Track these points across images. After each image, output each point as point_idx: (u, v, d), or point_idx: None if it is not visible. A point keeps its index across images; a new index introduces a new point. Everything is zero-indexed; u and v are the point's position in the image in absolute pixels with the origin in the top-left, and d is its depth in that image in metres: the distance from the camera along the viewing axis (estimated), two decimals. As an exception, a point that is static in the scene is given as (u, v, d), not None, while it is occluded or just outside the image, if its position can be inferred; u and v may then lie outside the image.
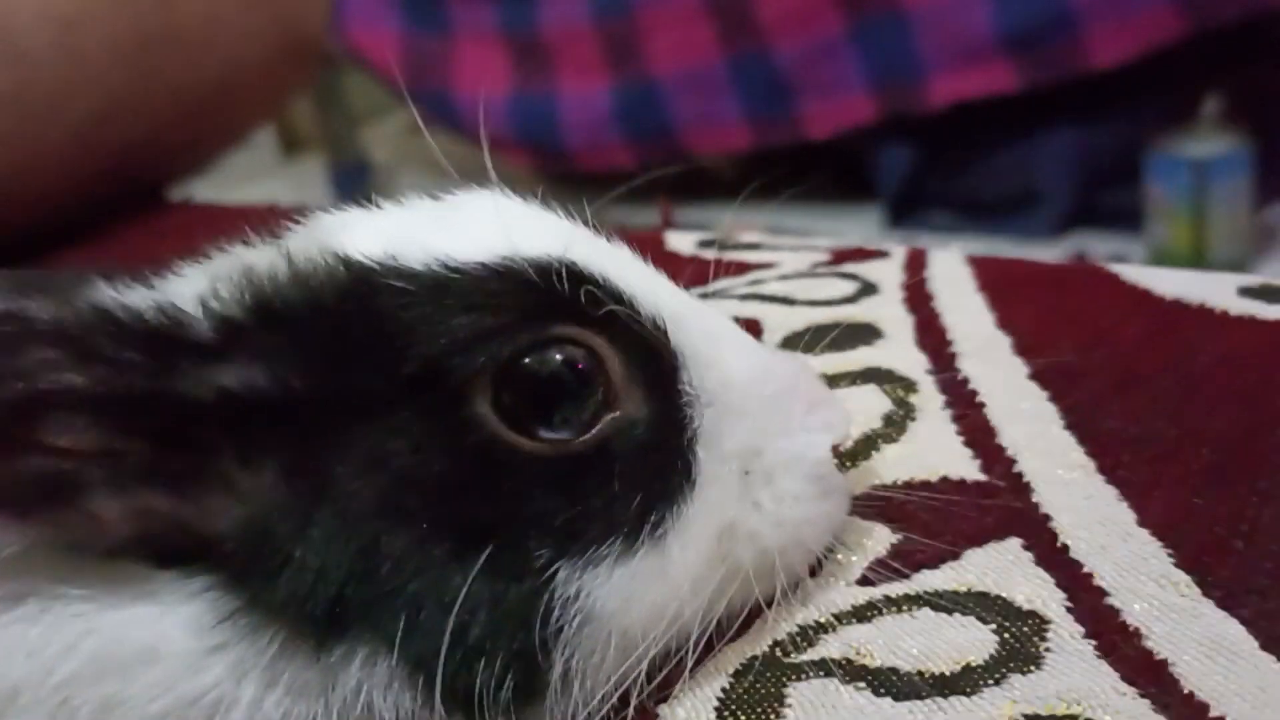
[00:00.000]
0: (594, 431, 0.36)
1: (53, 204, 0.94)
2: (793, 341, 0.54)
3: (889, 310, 0.55)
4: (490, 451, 0.35)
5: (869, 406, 0.49)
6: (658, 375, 0.38)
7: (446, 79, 2.67)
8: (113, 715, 0.32)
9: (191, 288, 0.36)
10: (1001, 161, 2.38)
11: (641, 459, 0.37)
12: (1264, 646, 0.35)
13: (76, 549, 0.32)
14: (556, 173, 2.49)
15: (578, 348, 0.36)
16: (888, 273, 0.60)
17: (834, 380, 0.50)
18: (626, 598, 0.36)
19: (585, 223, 0.41)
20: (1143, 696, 0.34)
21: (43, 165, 0.93)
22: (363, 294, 0.35)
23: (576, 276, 0.36)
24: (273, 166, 2.94)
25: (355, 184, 3.15)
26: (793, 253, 0.66)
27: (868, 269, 0.61)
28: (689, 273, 0.46)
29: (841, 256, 0.64)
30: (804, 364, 0.43)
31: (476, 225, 0.38)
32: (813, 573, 0.41)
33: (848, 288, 0.59)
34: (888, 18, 2.31)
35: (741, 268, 0.64)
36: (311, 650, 0.33)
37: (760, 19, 2.40)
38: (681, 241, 0.71)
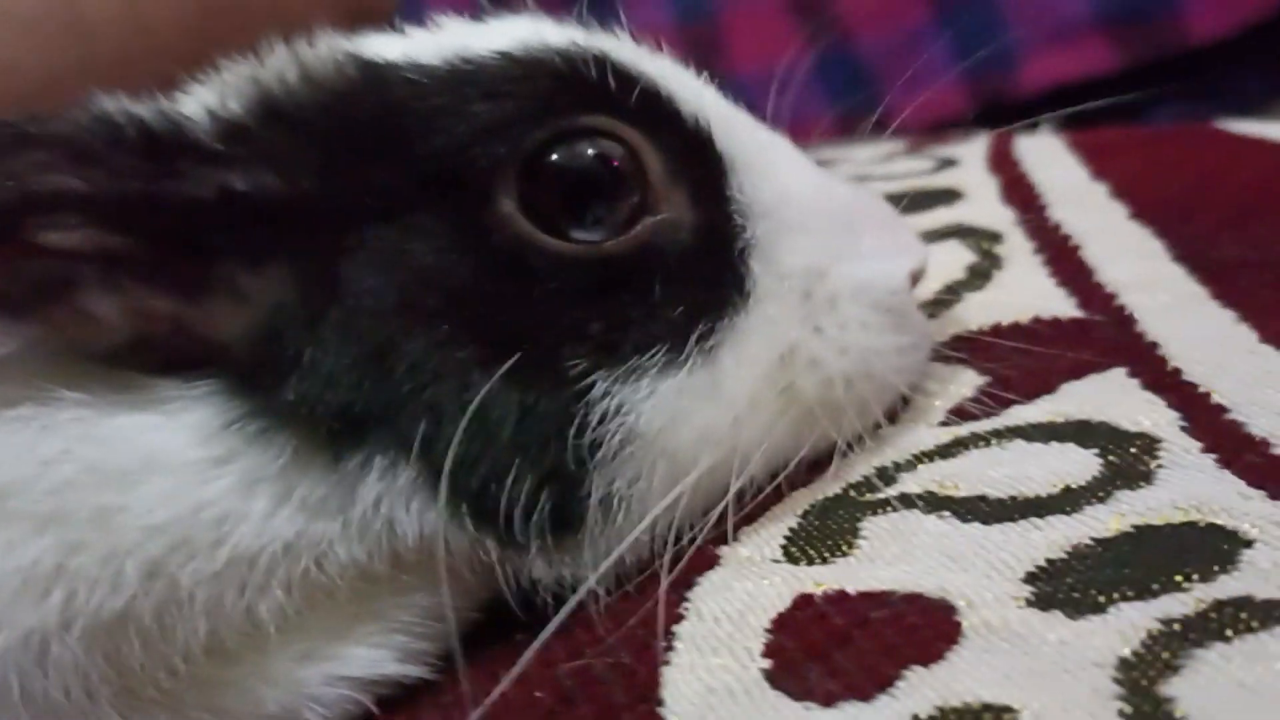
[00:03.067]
0: (632, 233, 0.33)
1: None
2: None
3: (970, 176, 0.51)
4: (517, 253, 0.32)
5: (950, 260, 0.44)
6: (704, 180, 0.34)
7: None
8: (110, 525, 0.29)
9: (200, 100, 0.34)
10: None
11: (687, 267, 0.33)
12: None
13: (75, 351, 0.30)
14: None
15: (611, 141, 0.33)
16: (970, 150, 0.56)
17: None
18: (673, 415, 0.32)
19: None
20: (1274, 499, 0.29)
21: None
22: (375, 90, 0.33)
23: (607, 65, 0.33)
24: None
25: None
26: (865, 148, 0.62)
27: (948, 150, 0.57)
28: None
29: (920, 145, 0.60)
30: (873, 191, 0.40)
31: (501, 26, 0.35)
32: (892, 420, 0.37)
33: (925, 164, 0.55)
34: (976, 2, 2.26)
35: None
36: (327, 461, 0.31)
37: (844, 14, 2.37)
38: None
